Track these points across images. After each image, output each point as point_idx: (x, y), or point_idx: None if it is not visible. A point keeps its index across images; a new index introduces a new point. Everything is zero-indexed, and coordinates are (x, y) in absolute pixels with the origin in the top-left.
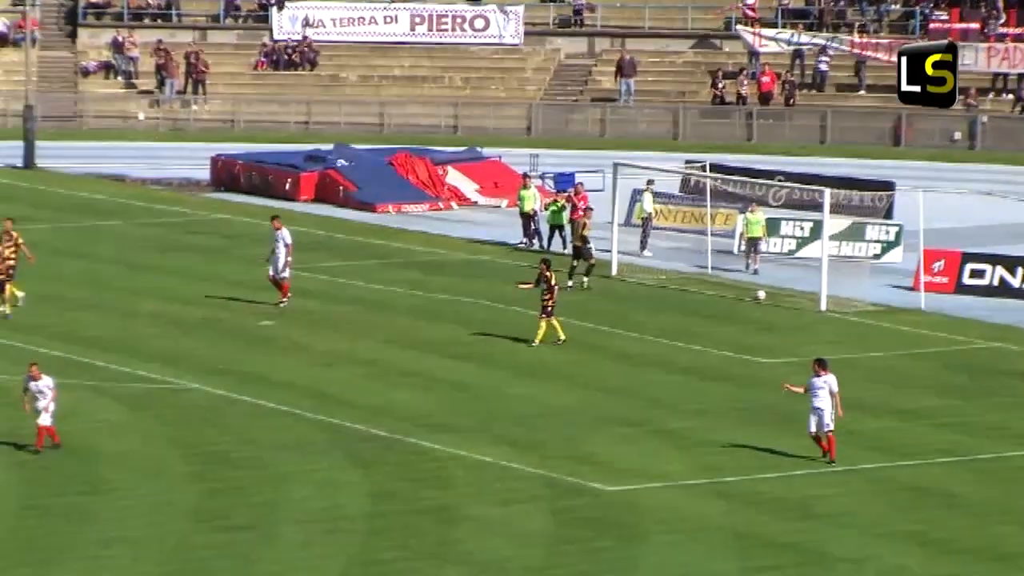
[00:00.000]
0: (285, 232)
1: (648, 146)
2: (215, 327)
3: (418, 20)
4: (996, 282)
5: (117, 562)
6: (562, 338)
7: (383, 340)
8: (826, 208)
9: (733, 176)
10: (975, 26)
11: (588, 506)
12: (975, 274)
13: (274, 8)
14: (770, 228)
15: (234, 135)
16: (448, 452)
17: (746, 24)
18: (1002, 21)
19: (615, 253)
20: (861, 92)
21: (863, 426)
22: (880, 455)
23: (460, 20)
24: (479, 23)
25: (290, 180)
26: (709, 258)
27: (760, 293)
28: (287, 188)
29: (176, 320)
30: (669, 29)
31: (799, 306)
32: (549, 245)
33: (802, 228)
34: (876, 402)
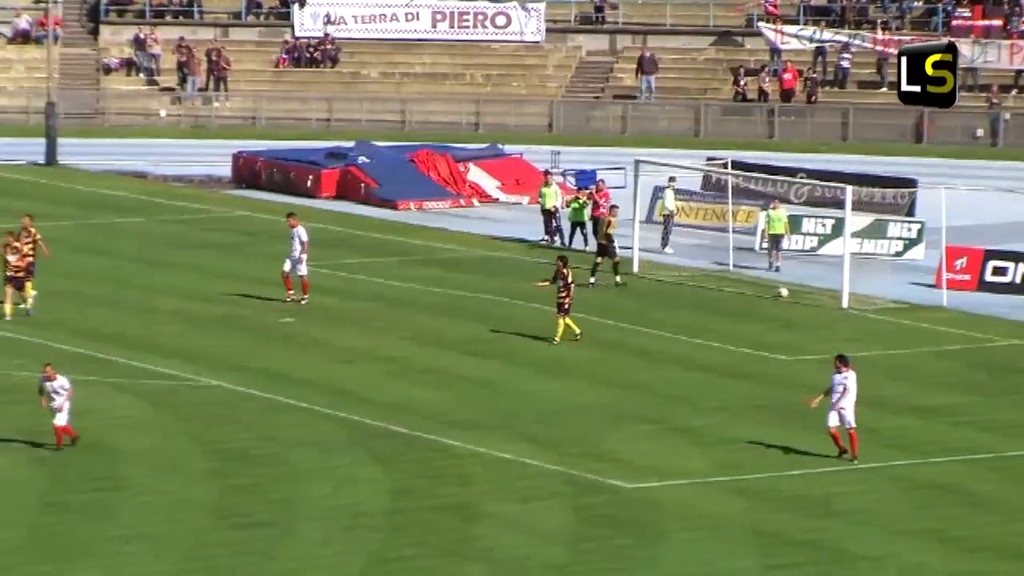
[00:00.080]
0: (301, 230)
1: (669, 143)
2: (235, 324)
3: (440, 17)
4: (1018, 279)
5: (137, 558)
6: (578, 332)
7: (403, 337)
8: (848, 205)
9: (755, 173)
10: (998, 23)
11: (608, 503)
12: (997, 271)
13: (296, 5)
14: (792, 225)
15: (255, 132)
16: (468, 449)
17: (768, 21)
18: None
19: (636, 250)
20: (883, 89)
21: (883, 423)
22: (900, 453)
23: (482, 17)
24: (500, 20)
25: (311, 177)
26: (730, 255)
27: (783, 290)
28: (308, 185)
29: (196, 317)
30: (691, 26)
31: (820, 303)
32: (570, 242)
33: (824, 225)
34: (897, 399)
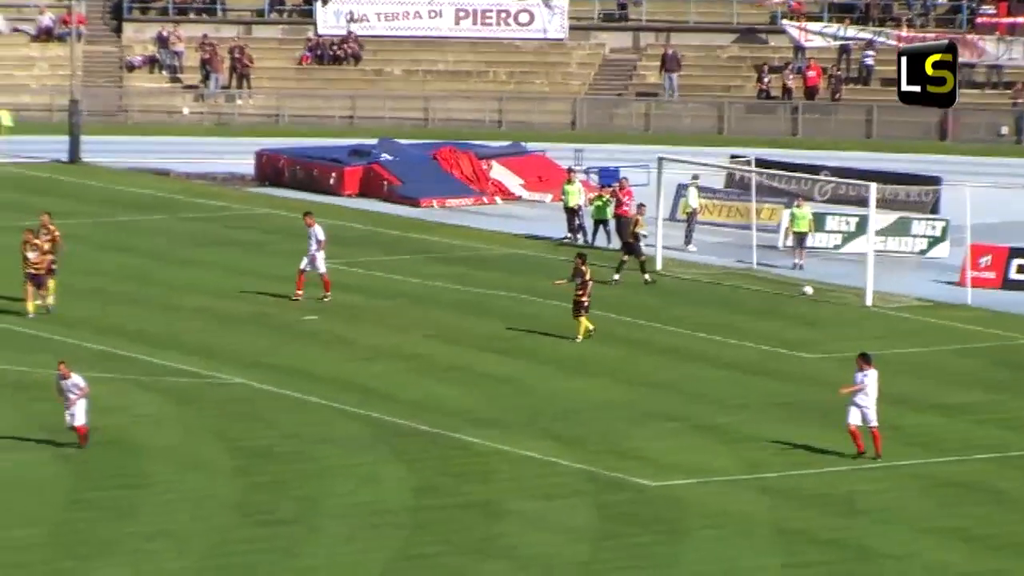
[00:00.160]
0: (318, 228)
1: (693, 141)
2: (258, 321)
3: (463, 14)
4: None
5: (161, 556)
6: (591, 328)
7: (426, 335)
8: (872, 203)
9: (778, 171)
10: (1023, 20)
11: (631, 501)
12: (1022, 269)
13: (319, 3)
14: (816, 223)
15: (279, 130)
16: (491, 447)
17: (792, 18)
18: None
19: (660, 248)
20: None
21: (907, 421)
22: (924, 451)
23: (505, 14)
24: (524, 17)
25: (334, 175)
26: (754, 253)
27: (807, 288)
28: (331, 183)
29: (219, 314)
30: (714, 23)
31: (844, 301)
32: (593, 240)
33: (848, 223)
34: (920, 397)
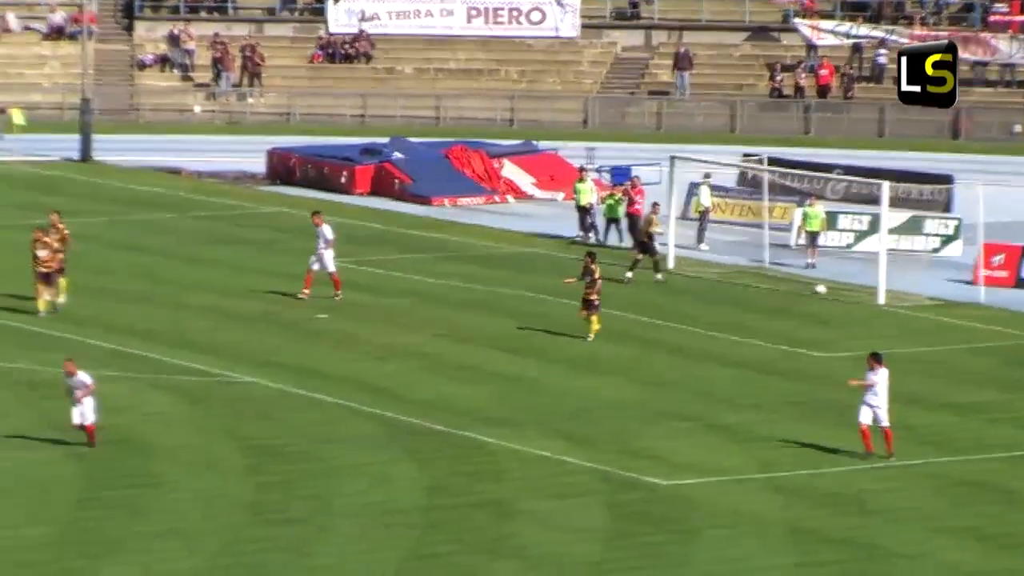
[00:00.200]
0: (326, 228)
1: (705, 139)
2: (269, 320)
3: (474, 13)
4: None
5: (171, 555)
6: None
7: (438, 333)
8: (884, 201)
9: (790, 169)
10: None
11: (643, 500)
12: None
13: (330, 1)
14: (828, 221)
15: (290, 128)
16: (503, 446)
17: (804, 17)
18: None
19: (672, 247)
20: None
21: (919, 420)
22: (936, 450)
23: (516, 13)
24: (535, 16)
25: (346, 173)
26: (766, 252)
27: (820, 287)
28: (343, 181)
29: (230, 313)
30: (726, 22)
31: (857, 300)
32: (605, 238)
33: (860, 222)
34: (933, 397)
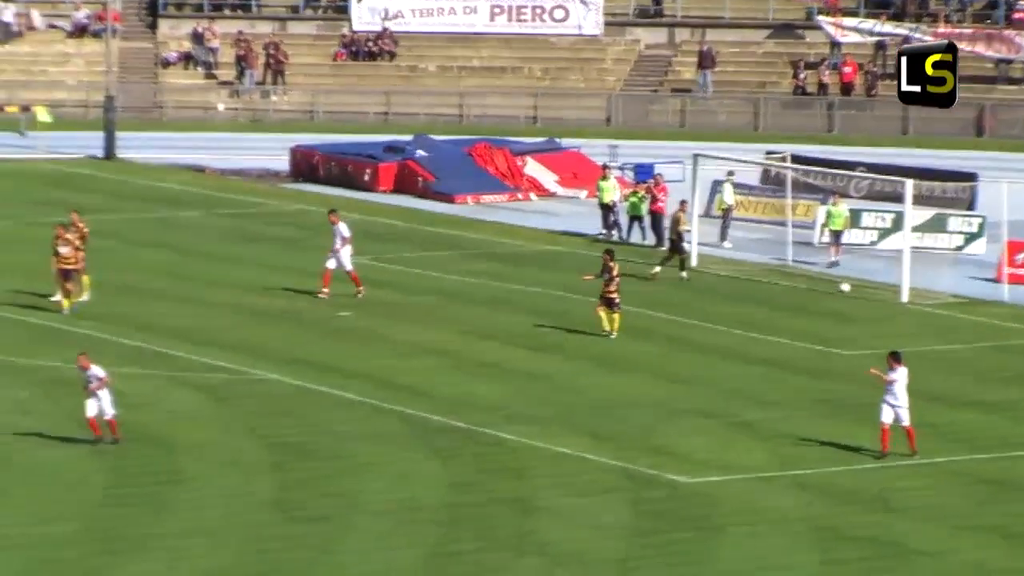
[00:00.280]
0: (342, 226)
1: (728, 137)
2: (293, 318)
3: (498, 11)
4: None
5: (195, 552)
6: (607, 329)
7: (461, 331)
8: (908, 199)
9: (814, 167)
10: None
11: (666, 498)
12: None
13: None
14: (852, 219)
15: (313, 126)
16: (525, 443)
17: (827, 14)
18: None
19: (695, 244)
20: None
21: (944, 418)
22: (961, 448)
23: (540, 11)
24: (559, 13)
25: (369, 171)
26: (789, 250)
27: (844, 286)
28: (366, 179)
29: (254, 311)
30: (750, 19)
31: (880, 298)
32: (628, 236)
33: (884, 219)
34: (957, 395)
